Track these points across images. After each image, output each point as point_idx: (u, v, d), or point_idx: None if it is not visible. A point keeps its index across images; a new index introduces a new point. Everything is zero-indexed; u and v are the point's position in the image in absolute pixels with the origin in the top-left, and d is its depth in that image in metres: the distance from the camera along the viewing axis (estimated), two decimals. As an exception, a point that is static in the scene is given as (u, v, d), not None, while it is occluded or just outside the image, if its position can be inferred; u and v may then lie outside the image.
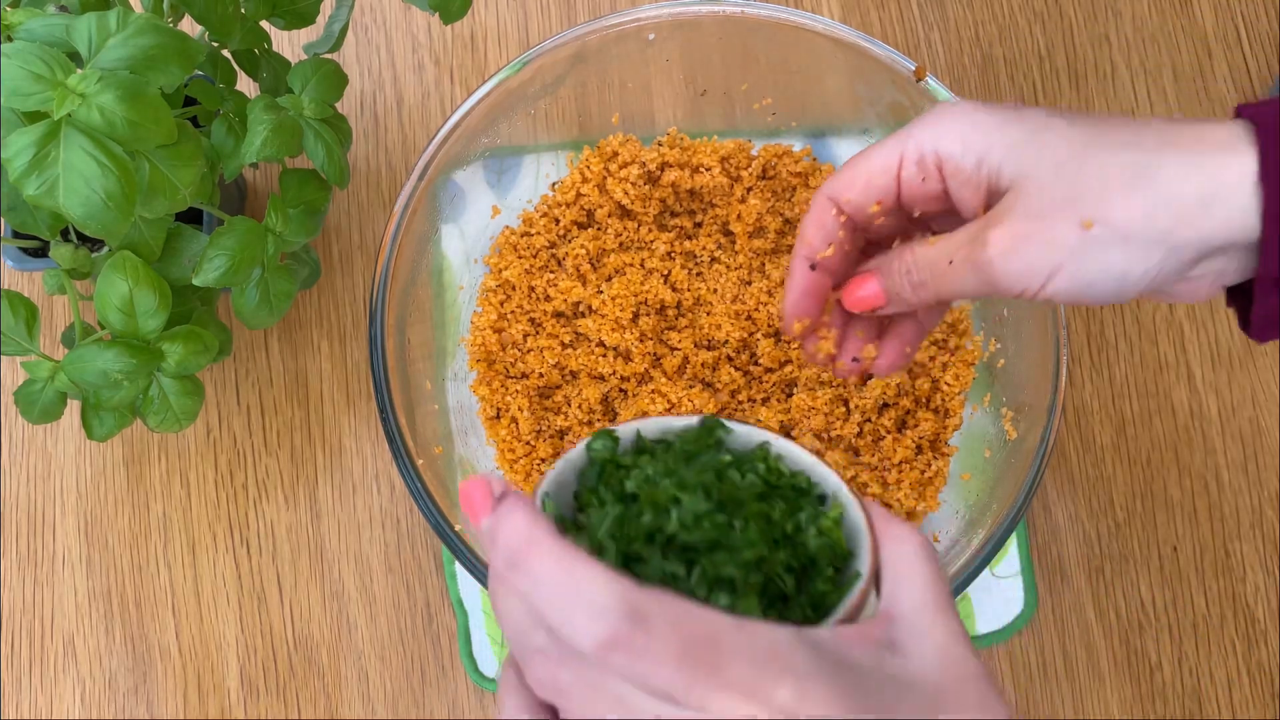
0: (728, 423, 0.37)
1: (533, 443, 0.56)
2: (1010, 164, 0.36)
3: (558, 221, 0.58)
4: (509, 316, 0.57)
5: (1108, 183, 0.35)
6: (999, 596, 0.58)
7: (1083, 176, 0.35)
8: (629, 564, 0.32)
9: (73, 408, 0.59)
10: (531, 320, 0.58)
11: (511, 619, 0.30)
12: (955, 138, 0.38)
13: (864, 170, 0.41)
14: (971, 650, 0.31)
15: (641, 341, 0.55)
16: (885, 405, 0.55)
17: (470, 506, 0.30)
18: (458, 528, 0.49)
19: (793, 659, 0.28)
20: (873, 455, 0.55)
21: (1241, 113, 0.35)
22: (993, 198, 0.37)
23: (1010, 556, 0.58)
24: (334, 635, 0.58)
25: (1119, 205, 0.35)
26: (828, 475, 0.35)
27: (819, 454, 0.47)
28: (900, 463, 0.54)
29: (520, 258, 0.58)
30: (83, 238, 0.52)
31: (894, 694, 0.29)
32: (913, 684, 0.29)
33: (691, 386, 0.55)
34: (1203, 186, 0.34)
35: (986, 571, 0.58)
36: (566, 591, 0.28)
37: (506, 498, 0.30)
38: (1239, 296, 0.37)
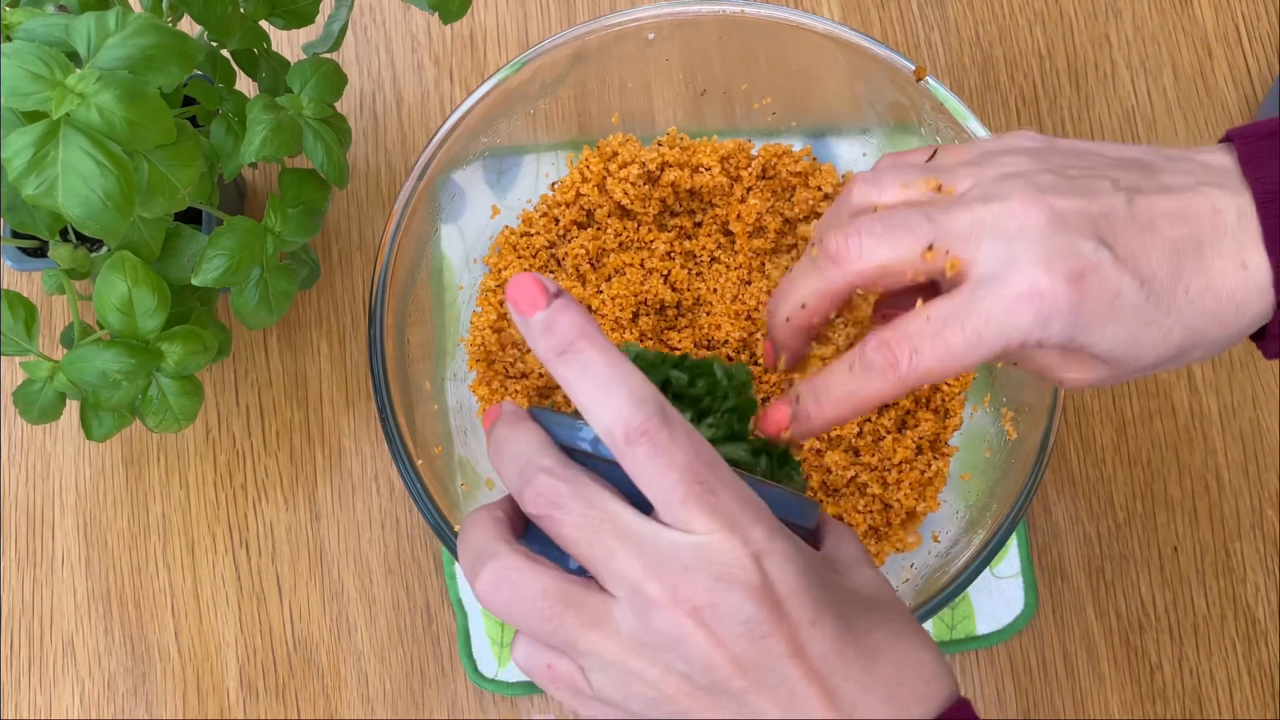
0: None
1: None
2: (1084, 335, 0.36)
3: (557, 221, 0.58)
4: (509, 316, 0.57)
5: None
6: (999, 596, 0.58)
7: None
8: None
9: (72, 408, 0.59)
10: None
11: (527, 440, 0.33)
12: (1024, 328, 0.35)
13: (893, 278, 0.37)
14: (895, 594, 0.36)
15: (641, 341, 0.55)
16: (885, 405, 0.55)
17: (521, 299, 0.32)
18: (457, 528, 0.49)
19: (767, 515, 0.32)
20: (873, 455, 0.55)
21: (1238, 152, 0.36)
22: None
23: (1010, 556, 0.58)
24: (333, 636, 0.58)
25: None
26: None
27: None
28: (900, 463, 0.54)
29: (520, 258, 0.58)
30: (82, 238, 0.52)
31: (835, 581, 0.33)
32: (852, 591, 0.34)
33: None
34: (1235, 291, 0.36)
35: (987, 571, 0.58)
36: (610, 377, 0.31)
37: (563, 295, 0.33)
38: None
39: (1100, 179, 0.36)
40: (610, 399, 0.31)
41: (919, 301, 0.36)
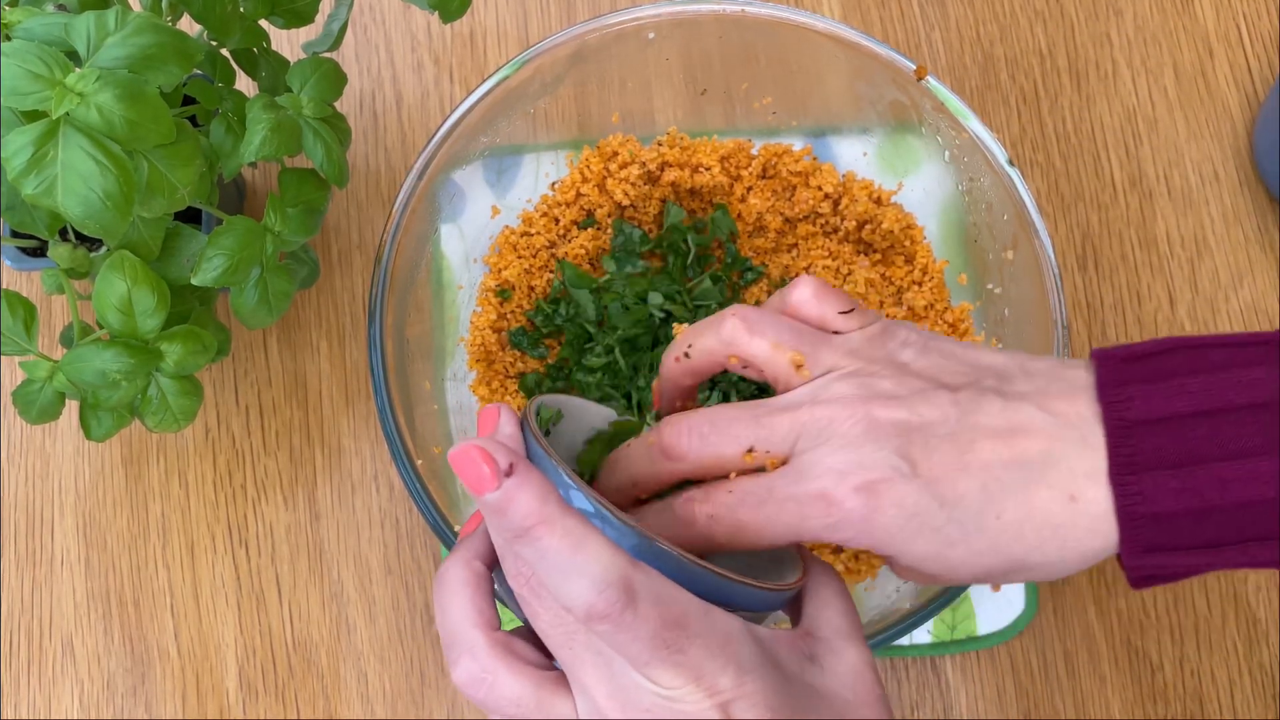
0: None
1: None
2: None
3: (557, 221, 0.58)
4: (508, 316, 0.57)
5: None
6: (1000, 597, 0.58)
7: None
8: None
9: (71, 408, 0.59)
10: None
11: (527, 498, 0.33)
12: (813, 530, 0.37)
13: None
14: (877, 678, 0.35)
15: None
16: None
17: (470, 477, 0.31)
18: (457, 529, 0.49)
19: (740, 652, 0.32)
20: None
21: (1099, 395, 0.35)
22: None
23: (1011, 557, 0.58)
24: (333, 636, 0.58)
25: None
26: None
27: None
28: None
29: (520, 257, 0.58)
30: (81, 237, 0.52)
31: (810, 700, 0.33)
32: (825, 695, 0.34)
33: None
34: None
35: (987, 572, 0.58)
36: (570, 563, 0.31)
37: (516, 471, 0.31)
38: None
39: (939, 391, 0.36)
40: (570, 585, 0.31)
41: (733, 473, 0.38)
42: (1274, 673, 0.58)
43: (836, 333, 0.39)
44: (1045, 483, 0.34)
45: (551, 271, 0.58)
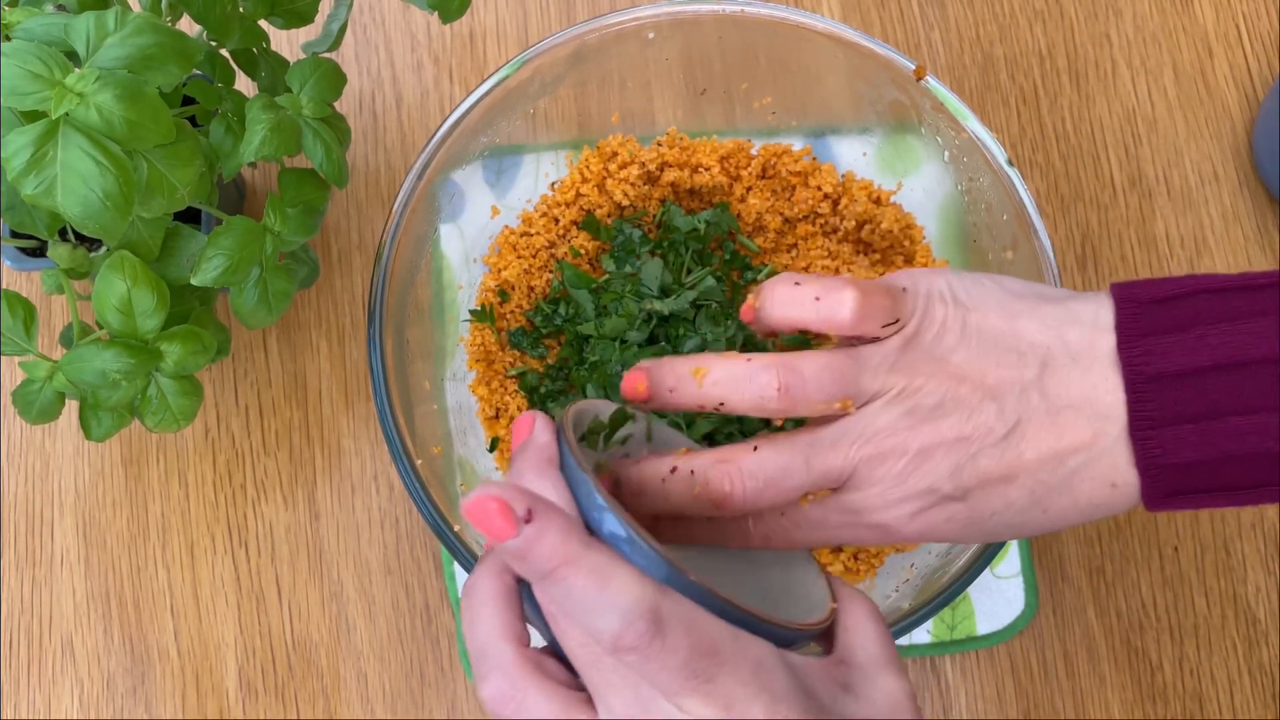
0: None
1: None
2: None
3: (557, 221, 0.58)
4: (508, 316, 0.57)
5: None
6: (999, 596, 0.58)
7: None
8: None
9: (71, 408, 0.59)
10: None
11: (556, 528, 0.32)
12: (867, 543, 0.39)
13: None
14: (917, 708, 0.35)
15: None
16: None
17: (487, 528, 0.30)
18: (457, 528, 0.49)
19: (772, 680, 0.31)
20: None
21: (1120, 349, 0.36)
22: None
23: (1011, 556, 0.58)
24: (333, 636, 0.58)
25: None
26: None
27: None
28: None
29: (520, 257, 0.58)
30: (81, 237, 0.52)
31: None
32: None
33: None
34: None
35: (987, 571, 0.58)
36: (597, 600, 0.30)
37: (535, 516, 0.30)
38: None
39: (986, 403, 0.36)
40: (597, 619, 0.30)
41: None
42: (1274, 673, 0.58)
43: (875, 337, 0.38)
44: (1088, 475, 0.36)
45: (551, 271, 0.58)
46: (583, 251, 0.57)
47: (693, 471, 0.38)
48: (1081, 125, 0.64)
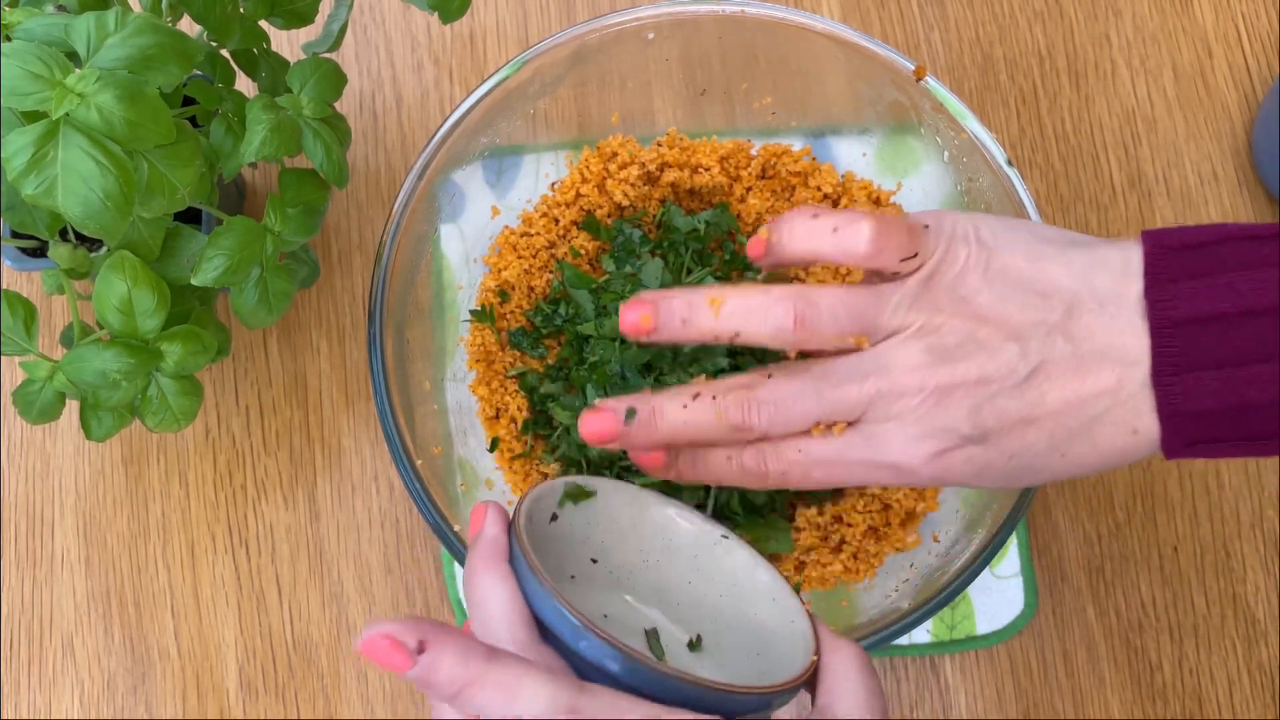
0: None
1: (532, 442, 0.56)
2: None
3: (557, 221, 0.58)
4: (508, 316, 0.57)
5: None
6: (999, 596, 0.58)
7: None
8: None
9: (71, 408, 0.59)
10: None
11: (497, 603, 0.34)
12: (882, 483, 0.39)
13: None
14: None
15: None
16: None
17: (385, 663, 0.30)
18: (457, 528, 0.49)
19: None
20: (873, 455, 0.54)
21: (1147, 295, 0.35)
22: None
23: (1010, 556, 0.58)
24: (333, 636, 0.58)
25: None
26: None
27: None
28: (900, 463, 0.54)
29: (520, 258, 0.58)
30: (81, 238, 0.52)
31: None
32: None
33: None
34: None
35: (987, 571, 0.58)
36: (509, 709, 0.30)
37: (428, 645, 0.30)
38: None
39: (1007, 344, 0.36)
40: None
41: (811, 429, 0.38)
42: (1273, 672, 0.58)
43: (895, 274, 0.38)
44: (1110, 420, 0.35)
45: (551, 272, 0.58)
46: (583, 252, 0.57)
47: (714, 397, 0.38)
48: (1081, 126, 0.64)
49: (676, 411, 0.39)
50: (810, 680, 0.36)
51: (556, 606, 0.33)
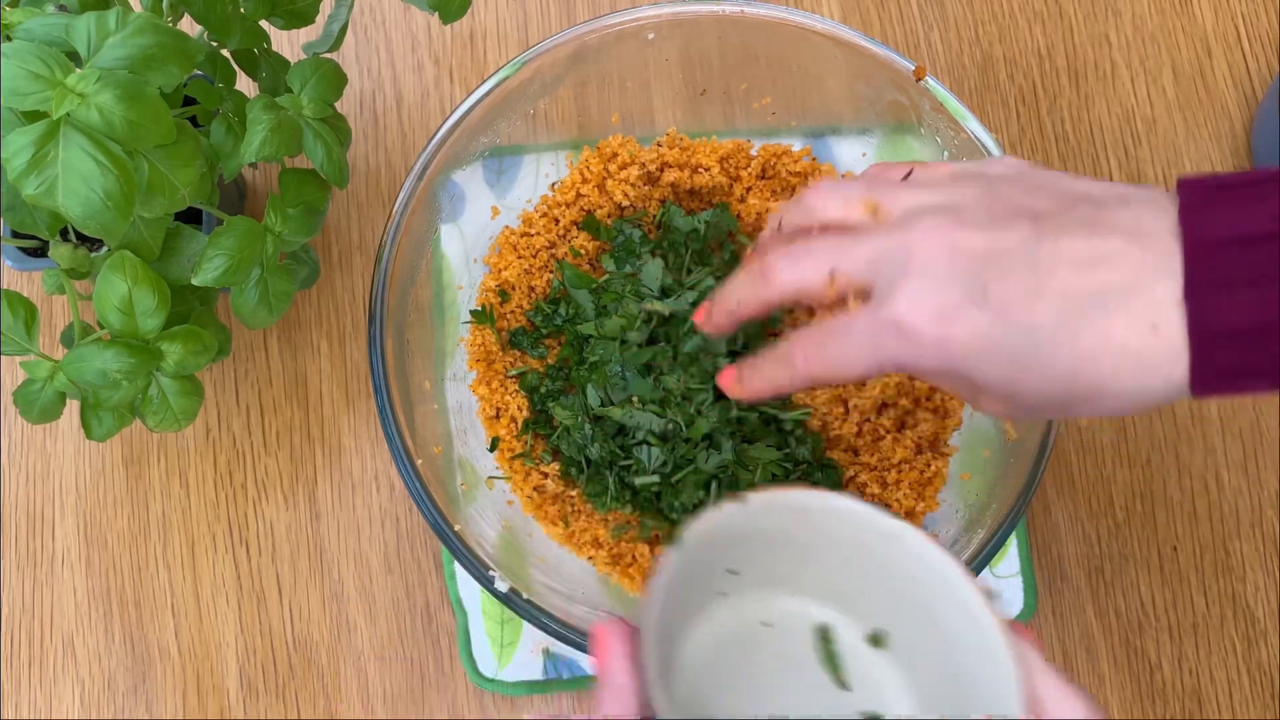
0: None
1: (532, 442, 0.56)
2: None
3: (557, 221, 0.58)
4: (508, 316, 0.57)
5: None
6: (999, 597, 0.58)
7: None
8: None
9: (72, 408, 0.59)
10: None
11: None
12: (892, 353, 0.38)
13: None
14: None
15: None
16: (884, 405, 0.55)
17: None
18: (457, 528, 0.49)
19: None
20: (872, 455, 0.55)
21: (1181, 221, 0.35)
22: None
23: (1010, 556, 0.58)
24: (333, 635, 0.58)
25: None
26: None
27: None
28: (900, 463, 0.54)
29: (520, 258, 0.58)
30: (82, 237, 0.52)
31: None
32: None
33: (691, 386, 0.55)
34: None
35: (986, 571, 0.58)
36: None
37: None
38: None
39: (1022, 219, 0.36)
40: None
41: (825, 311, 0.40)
42: (1272, 672, 0.58)
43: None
44: (1126, 310, 0.34)
45: (551, 272, 0.58)
46: (583, 252, 0.57)
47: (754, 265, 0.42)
48: (1081, 125, 0.64)
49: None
50: None
51: None
